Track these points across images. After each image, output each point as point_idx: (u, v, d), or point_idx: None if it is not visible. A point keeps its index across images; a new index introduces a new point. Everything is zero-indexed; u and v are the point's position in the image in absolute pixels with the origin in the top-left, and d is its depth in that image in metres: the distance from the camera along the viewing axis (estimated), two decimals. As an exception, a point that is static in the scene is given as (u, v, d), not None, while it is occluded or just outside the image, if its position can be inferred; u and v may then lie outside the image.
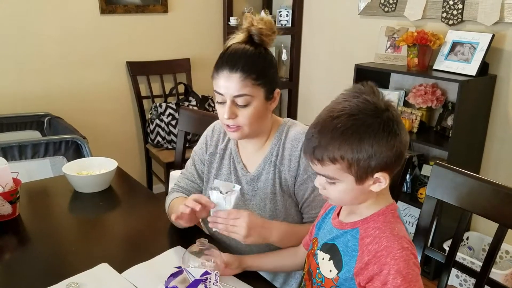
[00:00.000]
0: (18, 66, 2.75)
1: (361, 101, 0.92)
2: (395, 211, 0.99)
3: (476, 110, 2.36)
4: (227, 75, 1.21)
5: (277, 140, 1.32)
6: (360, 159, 0.90)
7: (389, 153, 0.90)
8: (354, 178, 0.93)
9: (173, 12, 3.23)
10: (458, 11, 2.40)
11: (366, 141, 0.89)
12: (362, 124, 0.89)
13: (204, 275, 0.96)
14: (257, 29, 1.24)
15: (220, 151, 1.41)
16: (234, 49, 1.24)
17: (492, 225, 1.18)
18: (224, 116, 1.23)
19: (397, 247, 0.91)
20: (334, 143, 0.90)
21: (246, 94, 1.21)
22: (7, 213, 1.42)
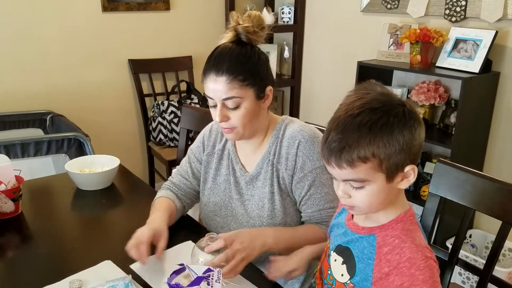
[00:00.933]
0: (21, 64, 2.75)
1: (377, 96, 0.89)
2: (414, 217, 0.95)
3: (479, 107, 2.36)
4: (214, 79, 1.20)
5: (275, 138, 1.31)
6: (392, 153, 0.86)
7: (417, 142, 0.88)
8: (385, 176, 0.88)
9: (175, 9, 3.23)
10: (461, 8, 2.39)
11: (396, 131, 0.85)
12: (388, 115, 0.85)
13: (207, 272, 0.96)
14: (243, 27, 1.24)
15: (218, 152, 1.40)
16: (219, 51, 1.23)
17: (495, 222, 1.17)
18: (216, 119, 1.23)
19: (421, 257, 0.88)
20: (363, 141, 0.85)
21: (234, 96, 1.20)
22: (10, 210, 1.43)
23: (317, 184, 1.26)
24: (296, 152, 1.26)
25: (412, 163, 0.89)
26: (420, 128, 0.89)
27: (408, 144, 0.86)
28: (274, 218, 1.29)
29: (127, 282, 1.07)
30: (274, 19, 3.34)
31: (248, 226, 1.31)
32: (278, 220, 1.29)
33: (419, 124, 0.89)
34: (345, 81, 2.97)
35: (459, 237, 1.28)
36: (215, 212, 1.39)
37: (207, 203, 1.41)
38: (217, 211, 1.38)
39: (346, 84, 3.26)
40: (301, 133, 1.27)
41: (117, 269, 1.16)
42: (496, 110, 2.40)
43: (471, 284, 2.38)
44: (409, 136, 0.86)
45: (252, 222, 1.31)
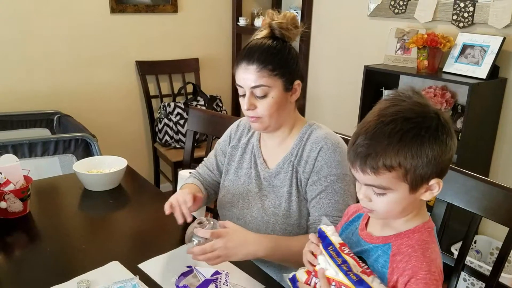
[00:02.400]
0: (29, 64, 2.77)
1: (412, 104, 0.86)
2: (432, 230, 0.94)
3: (485, 113, 2.35)
4: (245, 67, 1.25)
5: (299, 141, 1.33)
6: (419, 165, 0.84)
7: (447, 156, 0.86)
8: (408, 187, 0.86)
9: (182, 12, 3.24)
10: (469, 14, 2.39)
11: (426, 144, 0.83)
12: (421, 127, 0.84)
13: (215, 275, 0.97)
14: (276, 23, 1.28)
15: (242, 145, 1.45)
16: (252, 44, 1.29)
17: (500, 228, 1.17)
18: (244, 107, 1.27)
19: (424, 269, 0.87)
20: (391, 150, 0.83)
21: (263, 84, 1.24)
22: (18, 210, 1.44)
23: (329, 190, 1.26)
24: (317, 156, 1.28)
25: (438, 177, 0.87)
26: (452, 143, 0.87)
27: (437, 158, 0.85)
28: (289, 218, 1.30)
29: (134, 283, 1.07)
30: (281, 22, 3.34)
31: (263, 221, 1.32)
32: (292, 220, 1.30)
33: (451, 139, 0.87)
34: (351, 85, 2.97)
35: (465, 243, 1.28)
36: (233, 203, 1.41)
37: (226, 194, 1.44)
38: (235, 202, 1.41)
39: (352, 88, 3.27)
40: (325, 140, 1.29)
41: (124, 270, 1.16)
42: (502, 116, 2.40)
43: (475, 290, 2.37)
44: (438, 150, 0.85)
45: (267, 218, 1.32)
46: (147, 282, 1.11)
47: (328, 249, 0.92)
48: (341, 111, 3.10)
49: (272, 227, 1.30)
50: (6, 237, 1.35)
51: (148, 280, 1.12)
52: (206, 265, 1.10)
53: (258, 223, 1.33)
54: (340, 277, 0.88)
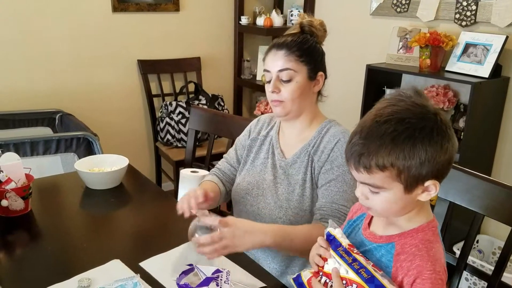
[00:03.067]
0: (31, 63, 2.78)
1: (410, 105, 0.87)
2: (436, 229, 0.94)
3: (488, 112, 2.34)
4: (274, 53, 1.34)
5: (318, 133, 1.39)
6: (412, 166, 0.84)
7: (442, 158, 0.85)
8: (403, 187, 0.87)
9: (184, 11, 3.24)
10: (472, 12, 2.38)
11: (419, 146, 0.83)
12: (414, 128, 0.84)
13: (216, 273, 0.96)
14: (307, 21, 1.38)
15: (261, 137, 1.50)
16: (284, 38, 1.36)
17: (502, 228, 1.17)
18: (269, 90, 1.34)
19: (429, 268, 0.87)
20: (384, 149, 0.84)
21: (289, 68, 1.31)
22: (20, 208, 1.44)
23: (339, 180, 1.30)
24: (333, 147, 1.33)
25: (435, 178, 0.87)
26: (450, 145, 0.86)
27: (431, 160, 0.84)
28: (302, 203, 1.34)
29: (135, 281, 1.07)
30: (283, 21, 3.35)
31: (276, 206, 1.36)
32: (305, 206, 1.34)
33: (448, 141, 0.86)
34: (354, 84, 2.97)
35: (468, 242, 1.27)
36: (247, 191, 1.45)
37: (241, 182, 1.47)
38: (249, 190, 1.44)
39: (354, 87, 3.26)
40: (343, 134, 1.35)
41: (125, 268, 1.16)
42: (505, 115, 2.39)
43: (478, 289, 2.37)
44: (433, 152, 0.84)
45: (280, 203, 1.36)
46: (148, 280, 1.11)
47: (337, 250, 0.93)
48: (343, 110, 3.09)
49: (284, 212, 1.34)
50: (8, 235, 1.35)
51: (149, 278, 1.12)
52: (207, 263, 1.10)
53: (271, 209, 1.37)
54: (351, 275, 0.88)
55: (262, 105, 3.39)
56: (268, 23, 3.24)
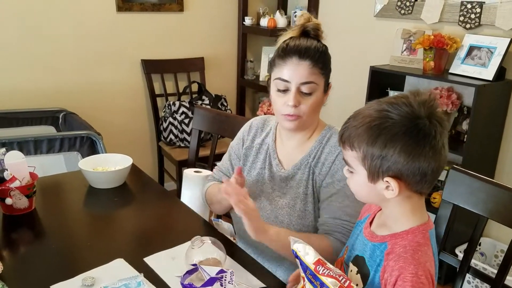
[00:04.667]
0: (35, 62, 2.78)
1: (405, 102, 0.88)
2: (427, 232, 0.94)
3: (492, 115, 2.34)
4: (296, 62, 1.23)
5: (318, 143, 1.33)
6: (374, 155, 0.88)
7: (405, 162, 0.86)
8: (366, 174, 0.91)
9: (188, 11, 3.25)
10: (476, 15, 2.38)
11: (382, 138, 0.87)
12: (387, 120, 0.87)
13: (220, 273, 0.97)
14: (314, 24, 1.30)
15: (256, 146, 1.44)
16: (298, 40, 1.27)
17: (505, 231, 1.17)
18: (289, 104, 1.24)
19: (411, 271, 0.87)
20: (357, 130, 0.90)
21: (313, 81, 1.25)
22: (24, 206, 1.44)
23: (341, 194, 1.26)
24: (334, 160, 1.28)
25: (395, 178, 0.88)
26: (417, 152, 0.86)
27: (390, 157, 0.86)
28: (304, 219, 1.30)
29: (139, 280, 1.07)
30: (287, 22, 3.34)
31: (277, 221, 1.32)
32: (308, 221, 1.30)
33: (416, 148, 0.86)
34: (357, 85, 2.96)
35: (471, 245, 1.27)
36: None
37: None
38: None
39: (358, 88, 3.26)
40: None
41: (129, 267, 1.16)
42: (509, 118, 2.38)
43: (480, 292, 2.36)
44: (392, 150, 0.86)
45: (281, 218, 1.32)
46: (151, 278, 1.11)
47: (306, 274, 0.92)
48: (346, 111, 3.07)
49: (286, 228, 1.29)
50: (12, 234, 1.36)
51: (152, 277, 1.12)
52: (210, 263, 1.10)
53: (271, 223, 1.30)
54: None
55: (265, 105, 3.39)
56: (272, 24, 3.24)
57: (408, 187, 0.90)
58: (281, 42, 1.30)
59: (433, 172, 0.88)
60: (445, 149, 0.89)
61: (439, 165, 0.88)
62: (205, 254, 1.12)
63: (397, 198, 0.91)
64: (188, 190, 1.67)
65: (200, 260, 1.11)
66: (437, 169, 0.89)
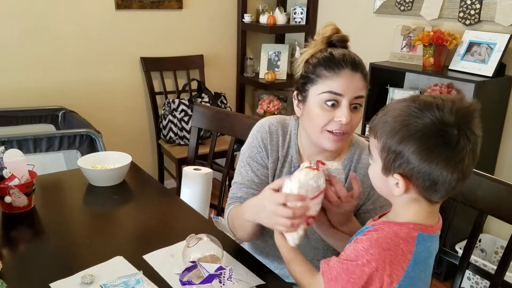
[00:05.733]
0: (34, 60, 2.78)
1: (438, 105, 0.85)
2: (414, 232, 0.90)
3: (491, 111, 2.34)
4: (351, 74, 1.12)
5: (349, 161, 1.25)
6: (390, 149, 0.87)
7: (416, 164, 0.85)
8: (382, 165, 0.90)
9: (187, 8, 3.24)
10: (476, 11, 2.38)
11: (400, 133, 0.85)
12: (412, 119, 0.85)
13: (219, 270, 0.97)
14: (341, 36, 1.22)
15: (281, 158, 1.30)
16: (341, 51, 1.17)
17: (505, 227, 1.17)
18: (343, 121, 1.12)
19: (362, 246, 0.89)
20: (383, 121, 0.89)
21: (363, 96, 1.16)
22: (23, 205, 1.44)
23: None
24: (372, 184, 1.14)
25: (407, 177, 0.87)
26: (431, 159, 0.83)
27: (406, 157, 0.85)
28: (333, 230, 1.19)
29: (138, 278, 1.07)
30: (286, 19, 3.34)
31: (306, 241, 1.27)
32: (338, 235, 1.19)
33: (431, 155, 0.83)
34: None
35: (471, 241, 1.27)
36: None
37: None
38: None
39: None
40: None
41: (128, 265, 1.16)
42: (508, 114, 2.38)
43: (480, 289, 2.36)
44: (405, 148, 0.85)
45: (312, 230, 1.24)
46: (151, 276, 1.11)
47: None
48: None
49: (314, 243, 1.27)
50: (11, 232, 1.35)
51: (152, 274, 1.12)
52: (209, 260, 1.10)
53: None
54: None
55: (265, 103, 3.39)
56: (271, 21, 3.23)
57: (417, 190, 0.89)
58: (317, 53, 1.19)
59: (445, 183, 0.85)
60: (466, 164, 0.85)
61: (455, 178, 0.85)
62: (202, 251, 1.12)
63: (404, 197, 0.90)
64: (187, 188, 1.67)
65: (198, 257, 1.11)
66: (451, 182, 0.85)
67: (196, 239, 1.12)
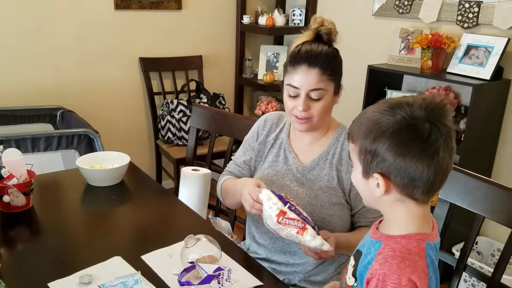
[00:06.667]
0: (33, 59, 2.78)
1: (408, 102, 0.87)
2: (423, 242, 0.89)
3: (489, 114, 2.35)
4: (306, 70, 1.29)
5: (335, 141, 1.40)
6: (366, 149, 0.88)
7: (392, 161, 0.85)
8: (362, 169, 0.91)
9: (187, 9, 3.24)
10: (474, 14, 2.39)
11: (373, 133, 0.87)
12: (383, 117, 0.87)
13: (217, 271, 0.97)
14: (326, 28, 1.33)
15: (270, 141, 1.49)
16: (310, 47, 1.31)
17: (502, 230, 1.18)
18: (299, 109, 1.31)
19: (393, 280, 0.84)
20: (358, 125, 0.92)
21: (321, 88, 1.30)
22: (21, 204, 1.44)
23: None
24: None
25: (386, 176, 0.87)
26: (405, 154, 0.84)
27: (383, 155, 0.86)
28: (329, 209, 1.35)
29: (136, 278, 1.08)
30: (285, 21, 3.35)
31: None
32: (332, 211, 1.36)
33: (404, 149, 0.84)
34: (355, 84, 2.96)
35: (467, 243, 1.28)
36: None
37: None
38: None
39: (355, 87, 3.26)
40: None
41: (126, 265, 1.17)
42: (506, 117, 2.39)
43: (476, 291, 2.37)
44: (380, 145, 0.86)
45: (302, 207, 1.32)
46: (149, 276, 1.11)
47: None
48: (344, 110, 3.09)
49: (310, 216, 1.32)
50: (9, 231, 1.36)
51: (150, 274, 1.12)
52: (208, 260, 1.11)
53: None
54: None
55: (263, 104, 3.39)
56: (270, 23, 3.24)
57: (398, 190, 0.88)
58: (294, 47, 1.34)
59: (423, 177, 0.85)
60: (441, 156, 0.84)
61: (432, 171, 0.84)
62: (201, 252, 1.12)
63: (388, 199, 0.90)
64: (185, 188, 1.67)
65: (196, 258, 1.11)
66: (429, 176, 0.84)
67: (195, 240, 1.13)
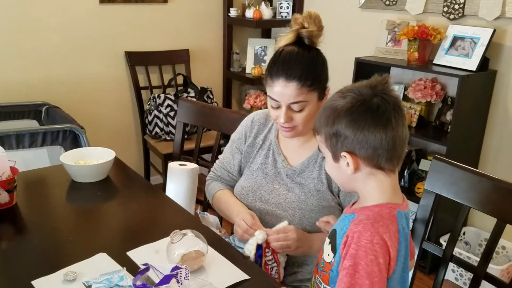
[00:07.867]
0: (17, 55, 2.73)
1: (356, 86, 0.97)
2: (394, 210, 0.97)
3: (475, 105, 2.36)
4: (284, 84, 1.25)
5: None
6: (329, 134, 0.96)
7: (352, 136, 0.93)
8: (331, 154, 0.98)
9: (172, 2, 3.21)
10: (460, 6, 2.39)
11: (332, 117, 0.95)
12: (337, 102, 0.95)
13: (175, 270, 0.95)
14: (307, 31, 1.27)
15: (259, 142, 1.46)
16: (287, 56, 1.27)
17: (488, 220, 1.18)
18: (281, 121, 1.29)
19: (367, 237, 0.91)
20: (318, 116, 1.00)
21: (302, 100, 1.26)
22: (4, 201, 1.42)
23: None
24: None
25: (352, 153, 0.94)
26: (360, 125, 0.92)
27: (344, 133, 0.94)
28: (319, 213, 1.31)
29: (121, 275, 1.06)
30: (272, 13, 3.33)
31: (287, 215, 1.34)
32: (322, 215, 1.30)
33: (359, 121, 0.92)
34: (342, 77, 2.96)
35: (454, 234, 1.28)
36: (242, 195, 1.44)
37: (241, 191, 1.45)
38: (244, 195, 1.43)
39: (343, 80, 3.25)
40: None
41: (112, 261, 1.15)
42: (492, 108, 2.41)
43: (464, 281, 2.39)
44: (338, 124, 0.94)
45: (292, 212, 1.34)
46: (134, 272, 1.10)
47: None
48: (332, 103, 3.10)
49: (299, 220, 1.33)
50: (-8, 229, 1.33)
51: (135, 271, 1.11)
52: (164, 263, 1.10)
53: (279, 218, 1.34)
54: None
55: (252, 98, 3.38)
56: (258, 16, 3.22)
57: (366, 163, 0.95)
58: (275, 51, 1.31)
59: (383, 144, 0.92)
60: (394, 123, 0.93)
61: (390, 137, 0.92)
62: (187, 247, 1.11)
63: (360, 175, 0.97)
64: (173, 184, 1.66)
65: (182, 253, 1.10)
66: (388, 142, 0.92)
67: (180, 235, 1.12)
